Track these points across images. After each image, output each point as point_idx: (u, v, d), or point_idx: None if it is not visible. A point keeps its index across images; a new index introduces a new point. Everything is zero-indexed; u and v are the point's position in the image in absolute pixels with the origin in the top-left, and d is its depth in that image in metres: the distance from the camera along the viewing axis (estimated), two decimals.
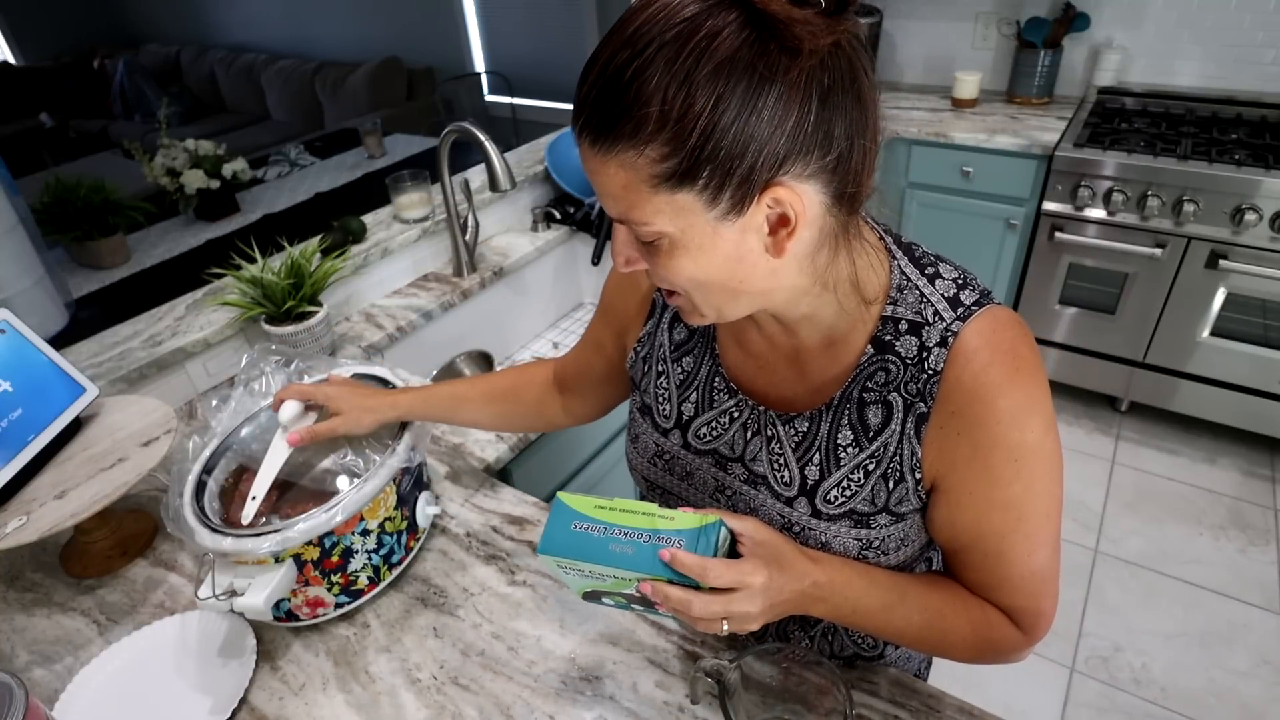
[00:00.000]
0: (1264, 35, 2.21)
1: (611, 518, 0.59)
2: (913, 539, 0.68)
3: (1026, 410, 0.59)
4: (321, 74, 4.86)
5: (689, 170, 0.50)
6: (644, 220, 0.53)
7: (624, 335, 0.83)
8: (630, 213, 0.53)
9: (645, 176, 0.51)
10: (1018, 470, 0.60)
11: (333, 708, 0.78)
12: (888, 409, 0.64)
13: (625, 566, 0.57)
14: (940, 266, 0.64)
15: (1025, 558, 0.64)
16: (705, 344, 0.75)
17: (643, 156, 0.50)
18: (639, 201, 0.52)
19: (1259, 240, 1.93)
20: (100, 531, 0.97)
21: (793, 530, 0.68)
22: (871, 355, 0.64)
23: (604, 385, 0.90)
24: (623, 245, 0.58)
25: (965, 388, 0.59)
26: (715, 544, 0.57)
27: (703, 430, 0.74)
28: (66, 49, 5.85)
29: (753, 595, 0.57)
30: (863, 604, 0.65)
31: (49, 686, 0.82)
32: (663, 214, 0.52)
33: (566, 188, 1.89)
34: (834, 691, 0.65)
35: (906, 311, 0.62)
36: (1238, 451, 2.29)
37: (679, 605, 0.57)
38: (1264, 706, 1.65)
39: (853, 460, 0.66)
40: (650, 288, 0.79)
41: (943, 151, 2.28)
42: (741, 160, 0.49)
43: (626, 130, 0.49)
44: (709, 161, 0.49)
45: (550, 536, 0.59)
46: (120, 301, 2.44)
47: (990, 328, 0.60)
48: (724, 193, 0.51)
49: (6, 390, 0.94)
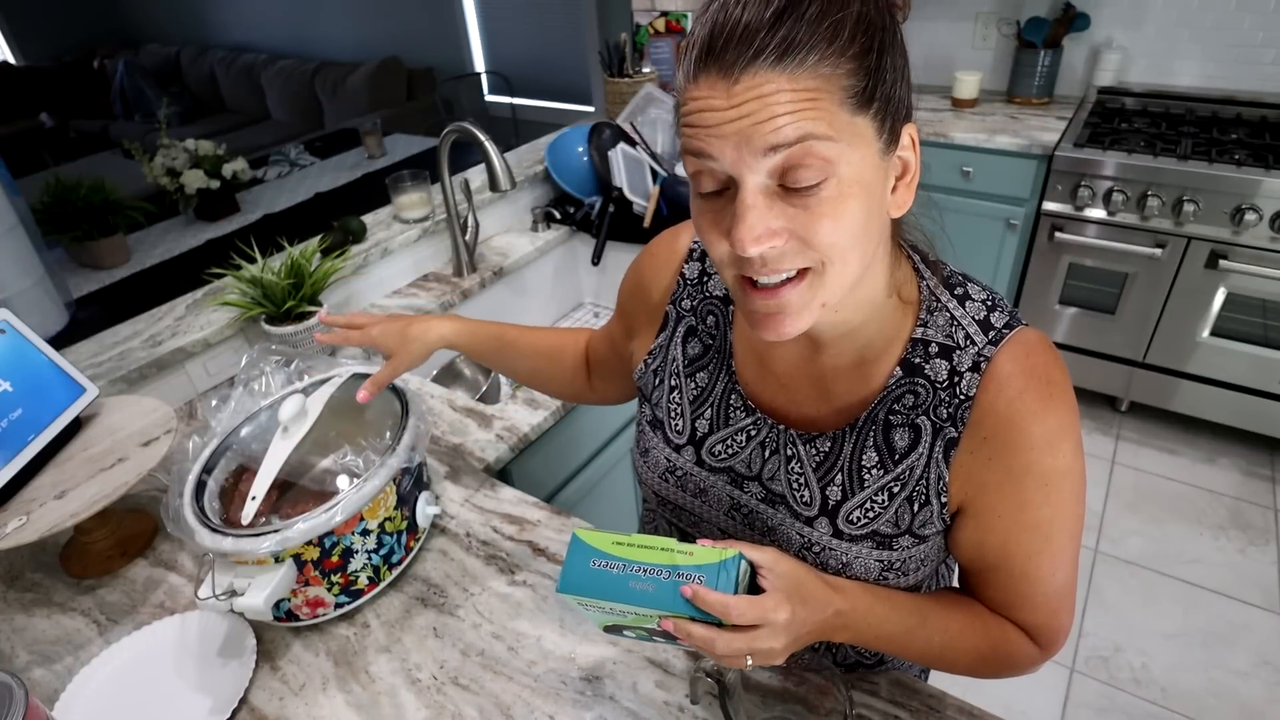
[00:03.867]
0: (1264, 35, 2.21)
1: (630, 554, 0.58)
2: (932, 558, 0.68)
3: (1059, 436, 0.59)
4: (321, 74, 4.86)
5: (870, 90, 0.49)
6: (829, 134, 0.48)
7: (633, 339, 0.82)
8: (817, 125, 0.47)
9: (838, 89, 0.48)
10: (1048, 495, 0.60)
11: (333, 708, 0.78)
12: (915, 432, 0.63)
13: (646, 604, 0.56)
14: (969, 287, 0.64)
15: (1049, 577, 0.64)
16: (721, 360, 0.73)
17: (839, 68, 0.47)
18: (828, 115, 0.47)
19: (1259, 240, 1.93)
20: (100, 531, 0.97)
21: (813, 550, 0.68)
22: (900, 378, 0.63)
23: (619, 377, 0.90)
24: (762, 214, 0.49)
25: (999, 414, 0.59)
26: (736, 578, 0.56)
27: (717, 447, 0.73)
28: (66, 49, 5.86)
29: (776, 632, 0.56)
30: (885, 629, 0.64)
31: (49, 686, 0.82)
32: (844, 136, 0.48)
33: (566, 188, 1.89)
34: (834, 692, 0.65)
35: (937, 334, 0.62)
36: (1238, 451, 2.29)
37: (702, 644, 0.56)
38: (1264, 706, 1.64)
39: (877, 482, 0.65)
40: (663, 300, 0.78)
41: (943, 151, 2.28)
42: (896, 88, 0.51)
43: (824, 39, 0.47)
44: (882, 83, 0.50)
45: (569, 575, 0.59)
46: (120, 301, 2.44)
47: (1024, 353, 0.60)
48: (888, 121, 0.51)
49: (6, 390, 0.94)
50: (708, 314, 0.75)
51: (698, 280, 0.76)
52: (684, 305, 0.76)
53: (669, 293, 0.77)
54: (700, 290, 0.75)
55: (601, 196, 1.84)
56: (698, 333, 0.75)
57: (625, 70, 2.22)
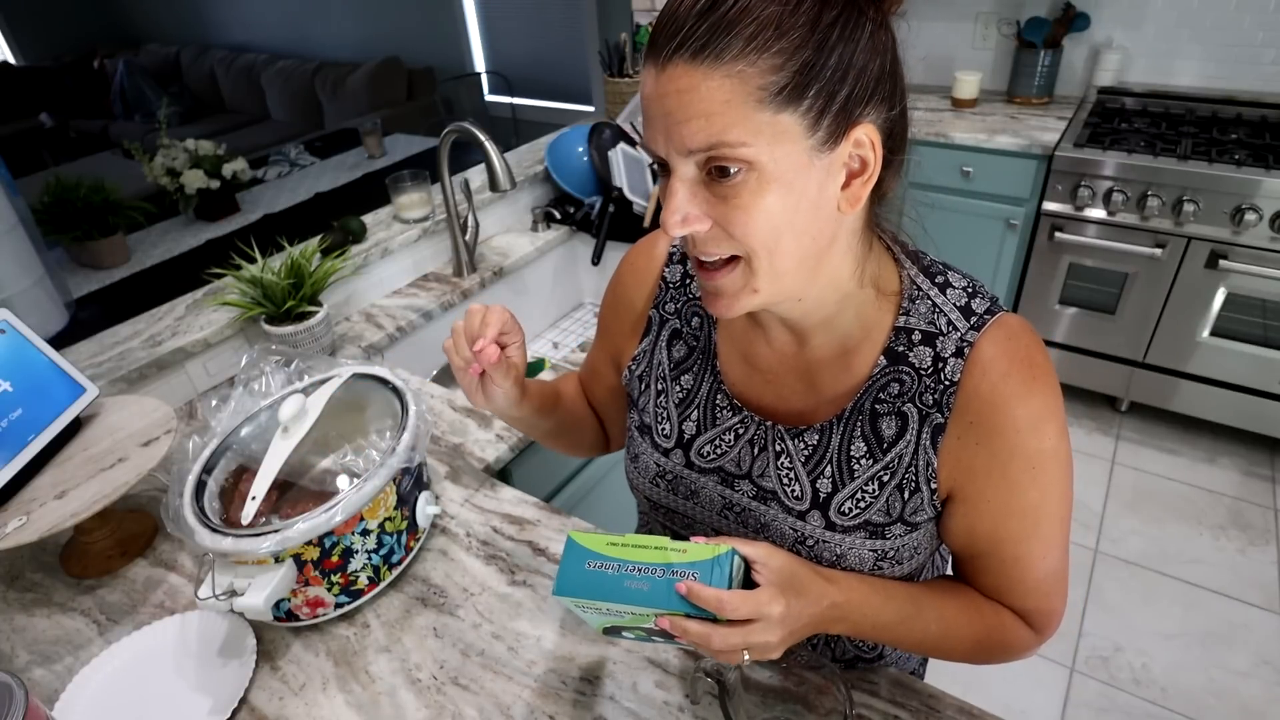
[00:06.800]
0: (1264, 35, 2.20)
1: (624, 554, 0.59)
2: (925, 546, 0.68)
3: (1043, 418, 0.59)
4: (321, 74, 4.86)
5: (797, 87, 0.49)
6: (741, 140, 0.49)
7: (620, 357, 0.82)
8: (726, 133, 0.49)
9: (753, 89, 0.48)
10: (1034, 477, 0.61)
11: (333, 708, 0.78)
12: (902, 420, 0.63)
13: (641, 603, 0.57)
14: (950, 275, 0.64)
15: (1040, 561, 0.65)
16: (705, 361, 0.74)
17: (754, 67, 0.48)
18: (739, 120, 0.48)
19: (1259, 240, 1.93)
20: (100, 531, 0.97)
21: (807, 544, 0.68)
22: (884, 366, 0.64)
23: (611, 412, 0.89)
24: (683, 201, 0.52)
25: (983, 398, 0.59)
26: (729, 574, 0.57)
27: (706, 448, 0.73)
28: (66, 49, 5.85)
29: (771, 625, 0.56)
30: (880, 619, 0.64)
31: (49, 686, 0.82)
32: (762, 136, 0.49)
33: (566, 188, 1.89)
34: (834, 691, 0.65)
35: (919, 322, 0.62)
36: (1238, 451, 2.29)
37: (698, 640, 0.56)
38: (1264, 706, 1.64)
39: (867, 472, 0.65)
40: (647, 305, 0.78)
41: (942, 151, 2.28)
42: (842, 86, 0.50)
43: (743, 35, 0.47)
44: (816, 80, 0.49)
45: (565, 577, 0.59)
46: (120, 301, 2.44)
47: (1005, 336, 0.60)
48: (824, 119, 0.50)
49: (6, 390, 0.94)
50: (692, 315, 0.75)
51: (679, 283, 0.76)
52: (667, 309, 0.76)
53: (652, 298, 0.77)
54: (683, 292, 0.75)
55: (601, 196, 1.84)
56: (682, 335, 0.75)
57: (625, 70, 2.22)
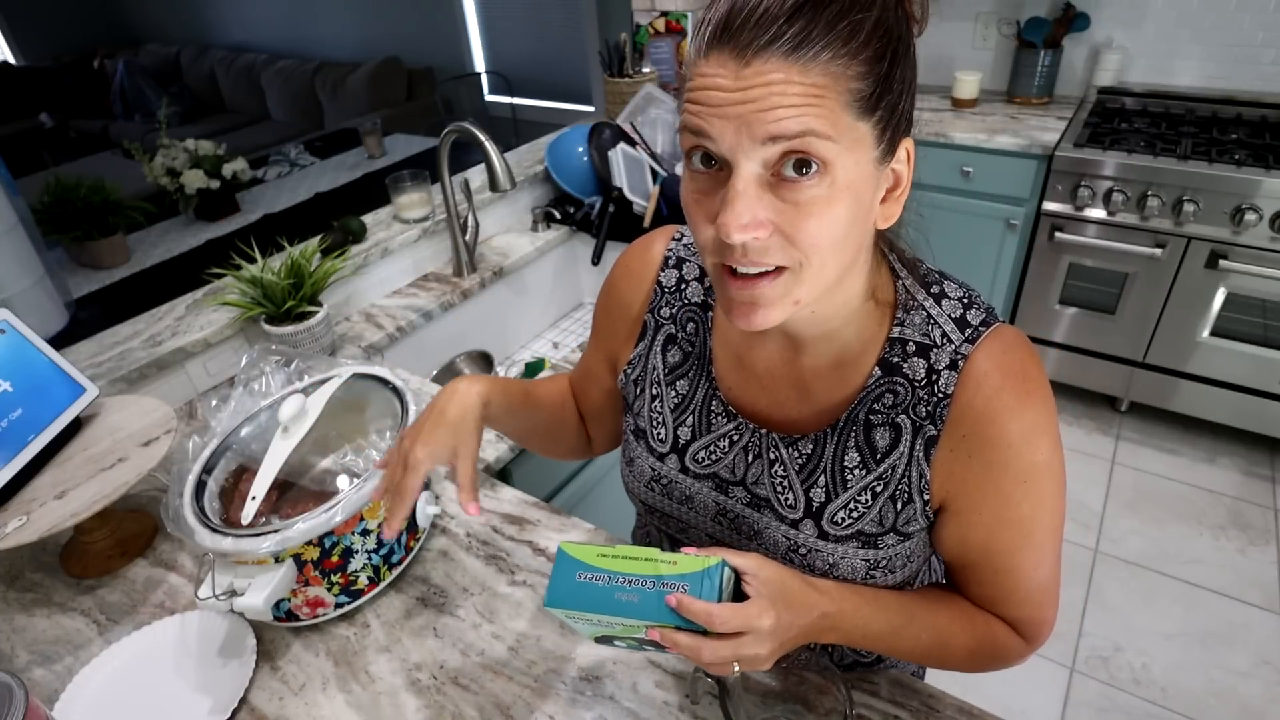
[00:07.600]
0: (1264, 35, 2.20)
1: (615, 565, 0.59)
2: (918, 555, 0.68)
3: (1036, 432, 0.59)
4: (321, 74, 4.86)
5: (876, 97, 0.48)
6: (829, 134, 0.47)
7: (615, 360, 0.82)
8: (820, 122, 0.47)
9: (845, 89, 0.47)
10: (1027, 491, 0.61)
11: (333, 708, 0.78)
12: (896, 431, 0.63)
13: (632, 615, 0.57)
14: (945, 285, 0.64)
15: (1032, 572, 0.65)
16: (701, 366, 0.73)
17: (849, 69, 0.47)
18: (831, 114, 0.47)
19: (1259, 240, 1.93)
20: (100, 531, 0.97)
21: (799, 552, 0.68)
22: (879, 377, 0.63)
23: (605, 414, 0.88)
24: (752, 202, 0.49)
25: (977, 411, 0.59)
26: (719, 586, 0.56)
27: (701, 454, 0.73)
28: (66, 49, 5.86)
29: (761, 638, 0.56)
30: (872, 629, 0.64)
31: (49, 686, 0.82)
32: (845, 137, 0.48)
33: (566, 188, 1.89)
34: (834, 692, 0.65)
35: (914, 333, 0.62)
36: (1238, 451, 2.29)
37: (688, 652, 0.56)
38: (1264, 706, 1.65)
39: (860, 482, 0.65)
40: (642, 310, 0.77)
41: (942, 151, 2.28)
42: (902, 100, 0.50)
43: (844, 33, 0.47)
44: (889, 93, 0.49)
45: (555, 589, 0.59)
46: (120, 301, 2.44)
47: (1000, 349, 0.60)
48: (887, 131, 0.50)
49: (6, 390, 0.94)
50: (687, 321, 0.75)
51: (675, 288, 0.75)
52: (663, 314, 0.76)
53: (647, 302, 0.77)
54: (679, 297, 0.75)
55: (601, 196, 1.84)
56: (677, 340, 0.75)
57: (625, 70, 2.22)
